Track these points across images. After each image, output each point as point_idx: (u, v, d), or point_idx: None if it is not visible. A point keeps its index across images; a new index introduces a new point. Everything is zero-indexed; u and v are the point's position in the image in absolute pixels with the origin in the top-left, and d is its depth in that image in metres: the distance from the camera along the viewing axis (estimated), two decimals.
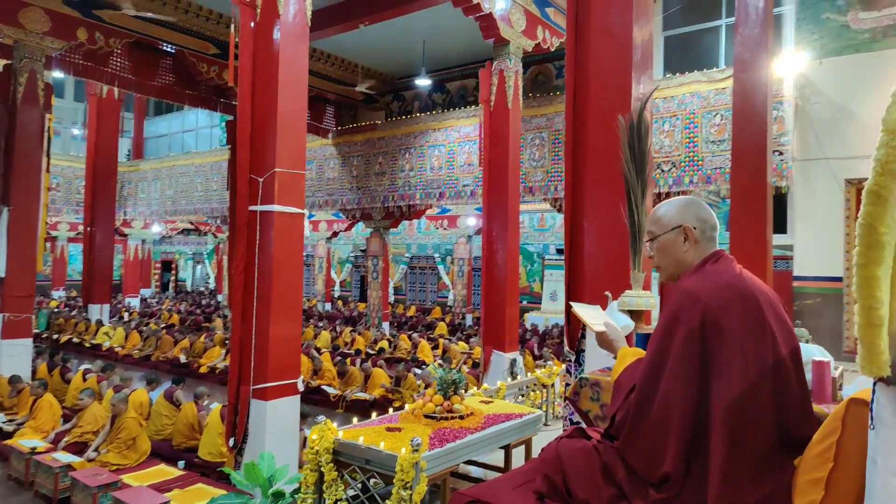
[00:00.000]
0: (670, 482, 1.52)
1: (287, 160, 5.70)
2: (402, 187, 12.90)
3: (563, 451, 1.70)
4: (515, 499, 1.71)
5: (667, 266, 1.78)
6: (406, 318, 16.52)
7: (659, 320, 1.66)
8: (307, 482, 3.66)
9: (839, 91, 8.06)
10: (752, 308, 1.55)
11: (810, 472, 1.39)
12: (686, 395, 1.52)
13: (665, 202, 1.80)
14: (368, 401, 8.83)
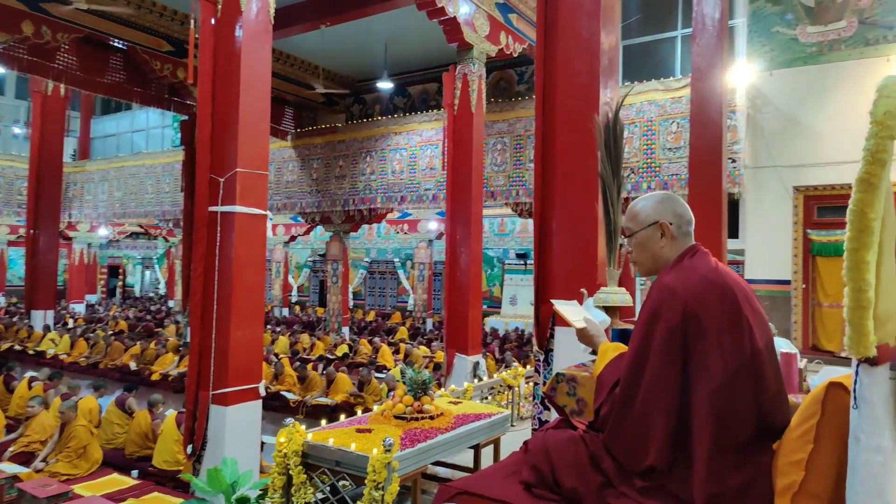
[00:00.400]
0: (655, 475, 1.55)
1: (249, 160, 5.59)
2: (363, 191, 12.82)
3: (550, 442, 1.72)
4: (503, 489, 1.71)
5: (644, 261, 1.82)
6: (365, 322, 16.39)
7: (640, 316, 1.69)
8: (275, 486, 3.58)
9: (788, 102, 8.42)
10: (729, 301, 1.60)
11: (790, 454, 1.44)
12: (669, 388, 1.55)
13: (641, 198, 1.84)
14: (330, 406, 8.71)
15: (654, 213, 1.78)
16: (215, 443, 5.27)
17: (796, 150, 8.29)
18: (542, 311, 4.08)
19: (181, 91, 12.57)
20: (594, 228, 3.97)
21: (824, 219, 8.38)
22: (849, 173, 5.54)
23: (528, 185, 10.71)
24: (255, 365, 5.67)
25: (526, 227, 15.97)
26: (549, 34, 4.16)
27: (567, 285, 4.01)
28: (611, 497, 1.60)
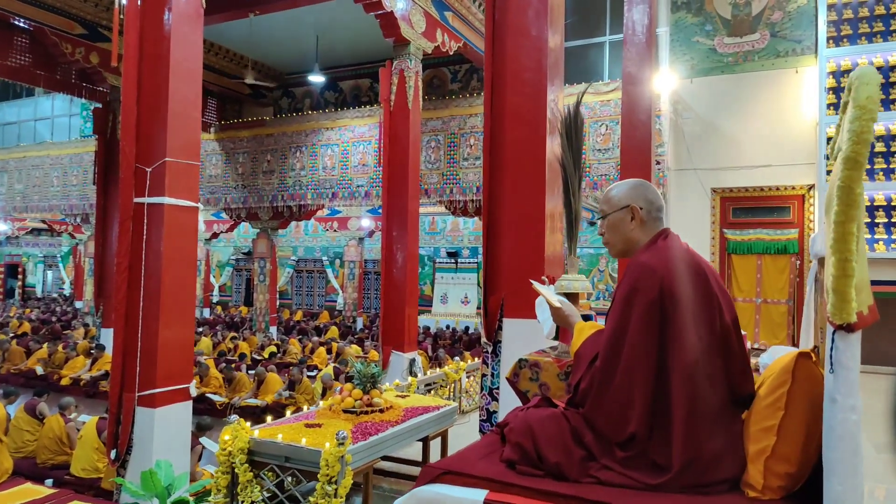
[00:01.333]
0: (635, 442, 1.61)
1: (179, 150, 5.36)
2: (292, 186, 12.52)
3: (532, 419, 1.75)
4: (487, 468, 1.73)
5: (615, 242, 1.90)
6: (293, 322, 16.01)
7: (618, 292, 1.76)
8: (218, 485, 3.44)
9: (707, 108, 8.93)
10: (701, 280, 1.70)
11: (761, 421, 1.54)
12: (647, 360, 1.63)
13: (617, 184, 1.93)
14: (260, 407, 8.46)
15: (627, 198, 1.87)
16: (142, 447, 5.00)
17: (714, 154, 8.82)
18: (491, 302, 4.13)
19: (94, 77, 11.83)
20: (541, 221, 4.07)
21: (738, 219, 8.95)
22: (760, 176, 5.97)
23: (463, 183, 10.82)
24: (185, 365, 5.43)
25: (457, 226, 16.11)
26: (497, 31, 4.22)
27: (515, 277, 4.09)
28: (593, 469, 1.65)
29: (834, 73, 8.13)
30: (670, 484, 1.55)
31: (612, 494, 1.56)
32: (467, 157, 10.85)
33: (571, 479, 1.65)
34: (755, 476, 1.52)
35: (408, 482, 4.16)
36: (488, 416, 4.08)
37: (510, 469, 1.72)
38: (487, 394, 4.12)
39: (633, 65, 7.05)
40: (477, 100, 10.92)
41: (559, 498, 1.58)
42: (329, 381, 8.54)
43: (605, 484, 1.61)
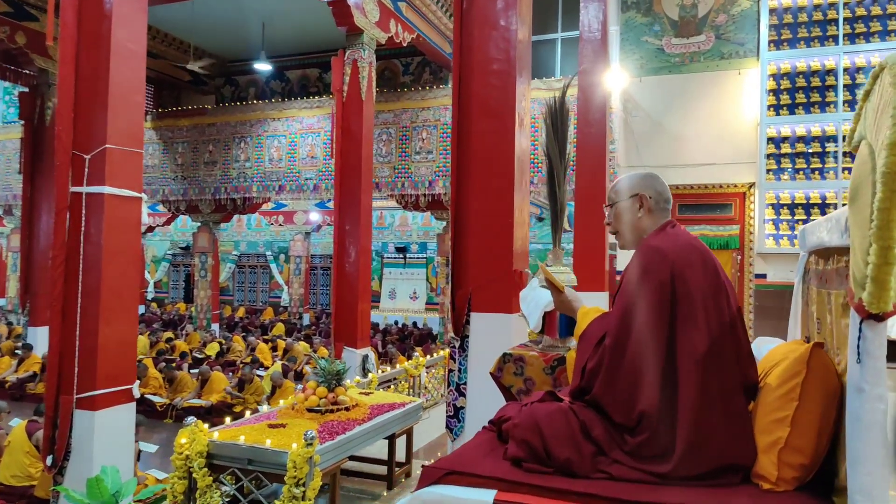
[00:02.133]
0: (644, 422, 1.58)
1: (121, 136, 5.04)
2: (236, 178, 12.10)
3: (539, 414, 1.69)
4: (492, 467, 1.66)
5: (623, 231, 1.88)
6: (236, 319, 15.51)
7: (626, 275, 1.73)
8: (174, 491, 3.25)
9: (655, 107, 9.14)
10: (710, 267, 1.68)
11: (773, 413, 1.53)
12: (658, 339, 1.61)
13: (625, 175, 1.91)
14: (204, 407, 8.13)
15: (636, 187, 1.85)
16: (81, 452, 4.70)
17: (662, 152, 9.03)
18: (458, 297, 4.06)
19: (19, 58, 11.06)
20: (510, 215, 4.03)
21: (684, 215, 9.20)
22: (704, 174, 6.12)
23: (415, 177, 10.71)
24: (128, 365, 5.13)
25: (406, 221, 15.97)
26: (465, 21, 4.15)
27: (482, 272, 4.04)
28: (604, 465, 1.61)
29: (774, 76, 8.47)
30: (679, 469, 1.52)
31: (625, 490, 1.52)
32: (419, 151, 10.75)
33: (581, 475, 1.60)
34: (768, 468, 1.50)
35: (373, 482, 4.05)
36: (455, 411, 4.02)
37: (516, 467, 1.66)
38: (454, 389, 4.05)
39: (589, 62, 7.13)
40: (430, 93, 10.84)
41: (572, 496, 1.53)
42: (279, 379, 8.29)
43: (616, 479, 1.57)
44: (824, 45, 8.06)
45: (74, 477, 4.51)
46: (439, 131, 10.62)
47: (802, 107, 8.38)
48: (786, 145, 8.50)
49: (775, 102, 8.47)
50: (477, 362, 3.98)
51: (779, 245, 8.57)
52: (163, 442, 7.30)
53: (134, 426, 5.07)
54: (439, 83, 11.65)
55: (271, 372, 8.91)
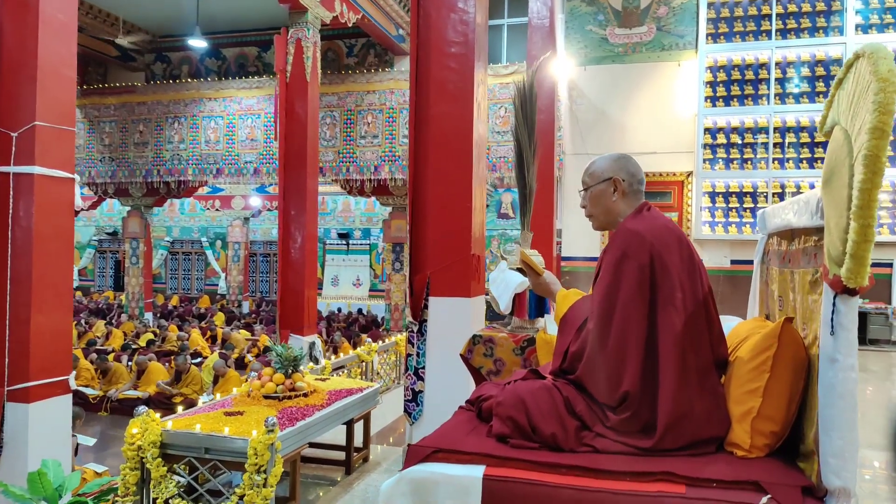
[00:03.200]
0: (628, 401, 1.63)
1: (51, 113, 4.75)
2: (170, 161, 11.60)
3: (524, 392, 1.72)
4: (477, 444, 1.68)
5: (597, 214, 1.91)
6: (170, 307, 14.94)
7: (606, 257, 1.77)
8: (126, 482, 3.13)
9: (598, 95, 9.35)
10: (685, 248, 1.75)
11: (746, 384, 1.61)
12: (639, 321, 1.66)
13: (599, 157, 1.93)
14: (142, 399, 7.81)
15: (609, 170, 1.88)
16: (15, 447, 4.46)
17: (605, 140, 9.27)
18: (416, 281, 4.06)
19: None
20: (468, 199, 4.05)
21: None
22: (645, 163, 6.32)
23: (360, 162, 10.57)
24: (64, 354, 4.88)
25: (348, 206, 15.76)
26: (422, 3, 4.11)
27: (440, 256, 4.04)
28: (588, 439, 1.65)
29: (711, 68, 8.82)
30: (661, 443, 1.59)
31: (610, 461, 1.57)
32: (365, 136, 10.61)
33: (567, 449, 1.64)
34: (741, 436, 1.58)
35: (330, 467, 4.02)
36: (413, 395, 4.02)
37: (502, 443, 1.68)
38: (413, 373, 4.05)
39: (537, 49, 7.20)
40: (375, 76, 10.69)
41: (561, 468, 1.57)
42: (222, 368, 8.06)
43: (600, 452, 1.62)
44: (758, 39, 8.45)
45: (8, 472, 4.27)
46: (385, 115, 10.51)
47: (737, 99, 8.76)
48: (721, 136, 8.87)
49: (712, 94, 8.83)
50: (435, 346, 4.00)
51: (714, 232, 8.97)
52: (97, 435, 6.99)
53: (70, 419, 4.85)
54: (385, 66, 11.51)
55: (212, 361, 8.65)
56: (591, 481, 1.53)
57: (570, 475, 1.55)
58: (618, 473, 1.52)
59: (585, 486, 1.52)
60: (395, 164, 10.47)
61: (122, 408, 7.74)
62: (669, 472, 1.49)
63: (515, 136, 2.66)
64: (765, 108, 8.61)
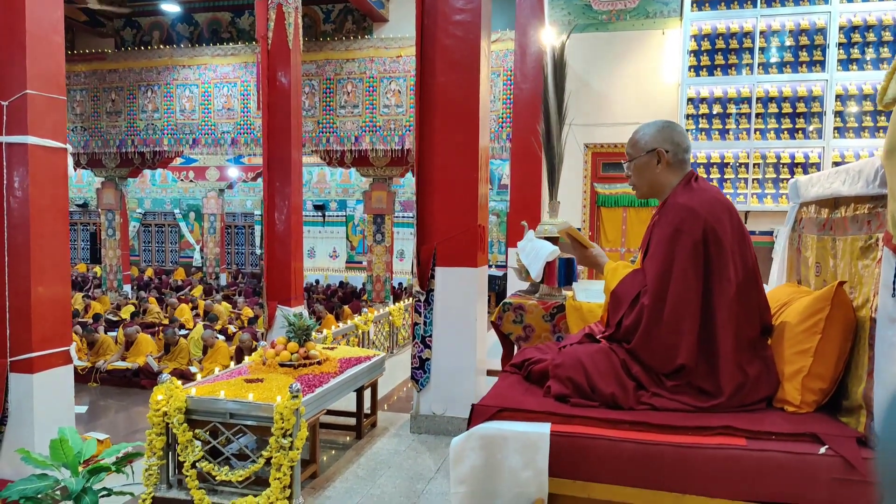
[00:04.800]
0: (683, 373, 1.72)
1: (42, 81, 4.65)
2: (144, 131, 11.28)
3: (582, 355, 1.78)
4: (536, 403, 1.75)
5: (641, 185, 1.95)
6: (145, 280, 14.68)
7: (658, 233, 1.82)
8: (153, 447, 3.15)
9: (582, 64, 9.36)
10: (735, 219, 1.81)
11: (797, 345, 1.70)
12: (694, 296, 1.73)
13: (643, 125, 1.95)
14: (131, 370, 7.74)
15: (653, 141, 1.91)
16: (20, 416, 4.48)
17: (588, 110, 9.30)
18: (423, 252, 4.09)
19: None
20: (475, 169, 4.07)
21: (607, 174, 9.61)
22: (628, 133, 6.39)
23: (340, 132, 10.44)
24: (64, 326, 4.87)
25: (324, 177, 15.57)
26: None
27: (447, 226, 4.07)
28: (645, 397, 1.73)
29: (696, 37, 8.89)
30: (721, 406, 1.68)
31: (669, 417, 1.65)
32: (345, 105, 10.46)
33: (626, 407, 1.72)
34: (792, 393, 1.68)
35: (342, 432, 4.08)
36: (421, 363, 4.09)
37: (562, 403, 1.75)
38: (420, 342, 4.12)
39: (525, 16, 7.17)
40: (354, 43, 10.50)
41: (622, 424, 1.65)
42: (211, 339, 8.03)
43: (659, 409, 1.70)
44: (743, 7, 8.52)
45: (14, 441, 4.30)
46: (365, 84, 10.36)
47: (720, 68, 8.87)
48: (704, 106, 9.00)
49: (696, 63, 8.91)
50: (442, 315, 4.05)
51: None
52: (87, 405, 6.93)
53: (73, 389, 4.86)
54: (364, 33, 11.29)
55: (198, 333, 8.59)
56: (652, 435, 1.61)
57: (631, 430, 1.64)
58: (678, 428, 1.61)
59: (647, 439, 1.60)
60: (376, 135, 10.37)
61: (111, 378, 7.67)
62: (729, 426, 1.59)
63: (544, 104, 2.68)
64: (748, 78, 8.74)
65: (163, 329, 8.68)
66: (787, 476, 1.48)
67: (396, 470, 3.47)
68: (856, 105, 8.85)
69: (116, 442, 5.81)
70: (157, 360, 8.02)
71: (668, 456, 1.56)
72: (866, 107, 8.75)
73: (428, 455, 3.67)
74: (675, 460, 1.55)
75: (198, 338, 8.46)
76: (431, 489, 3.21)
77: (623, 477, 1.58)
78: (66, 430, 3.51)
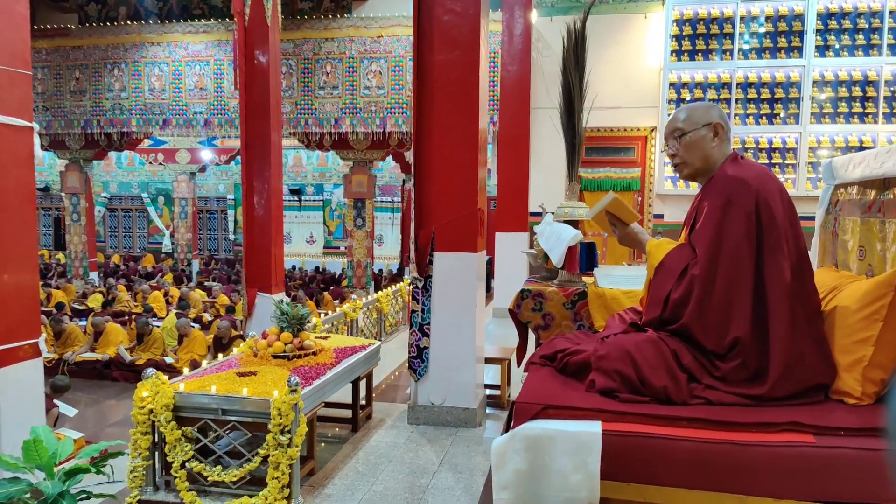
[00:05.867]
0: (738, 348, 1.62)
1: (5, 55, 4.35)
2: (110, 110, 10.82)
3: (629, 345, 1.67)
4: (581, 398, 1.63)
5: (693, 161, 1.85)
6: (112, 266, 14.19)
7: (709, 205, 1.72)
8: (139, 446, 2.96)
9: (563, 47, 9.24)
10: (786, 197, 1.72)
11: (855, 333, 1.61)
12: (748, 269, 1.65)
13: (688, 105, 1.87)
14: (101, 361, 7.44)
15: (708, 115, 1.82)
16: None
17: None
18: (421, 237, 3.94)
19: None
20: (474, 151, 3.92)
21: (590, 158, 9.53)
22: (610, 118, 6.32)
23: (319, 114, 10.16)
24: (31, 317, 4.58)
25: (300, 161, 15.21)
26: None
27: (445, 211, 3.93)
28: (697, 391, 1.63)
29: (678, 21, 8.85)
30: (773, 391, 1.58)
31: (728, 413, 1.55)
32: (324, 86, 10.17)
33: (679, 402, 1.61)
34: (852, 385, 1.60)
35: (336, 425, 3.93)
36: (419, 352, 3.96)
37: (609, 398, 1.64)
38: (417, 330, 3.98)
39: None
40: (333, 22, 10.20)
41: (680, 421, 1.54)
42: (186, 328, 7.76)
43: (714, 403, 1.60)
44: None
45: None
46: (345, 65, 10.08)
47: (702, 53, 8.86)
48: (685, 91, 8.98)
49: (678, 48, 8.88)
50: (441, 302, 3.91)
51: (676, 187, 9.16)
52: None
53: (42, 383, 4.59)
54: (342, 12, 10.97)
55: (170, 322, 8.30)
56: (712, 433, 1.51)
57: (689, 428, 1.53)
58: (741, 424, 1.51)
59: (707, 437, 1.50)
60: (357, 117, 10.12)
61: (80, 371, 7.35)
62: (796, 421, 1.49)
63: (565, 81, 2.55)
64: (729, 63, 8.75)
65: (135, 318, 8.37)
66: (858, 474, 1.40)
67: (398, 464, 3.34)
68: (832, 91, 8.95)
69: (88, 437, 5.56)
70: (129, 350, 7.72)
71: (730, 455, 1.46)
72: (842, 93, 8.84)
73: (429, 447, 3.55)
74: (737, 459, 1.45)
75: (171, 327, 8.18)
76: (437, 483, 3.09)
77: (681, 479, 1.47)
78: (39, 430, 3.27)
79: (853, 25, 8.77)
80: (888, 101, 8.61)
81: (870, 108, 8.70)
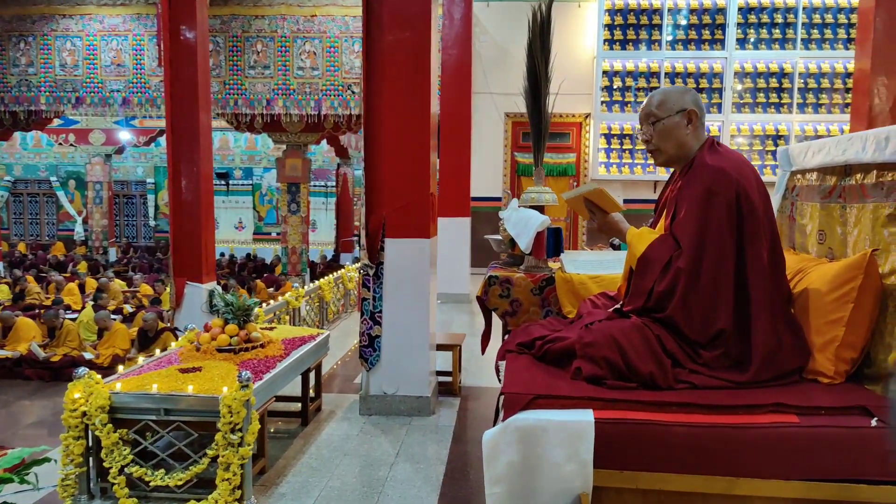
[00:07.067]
0: (721, 338, 1.64)
1: None
2: (16, 87, 9.97)
3: (615, 332, 1.65)
4: (569, 387, 1.60)
5: (667, 149, 1.84)
6: (17, 255, 13.16)
7: (689, 194, 1.72)
8: (71, 453, 2.73)
9: (501, 33, 9.27)
10: (760, 183, 1.75)
11: (827, 315, 1.66)
12: (730, 259, 1.66)
13: (664, 89, 1.86)
14: (12, 359, 6.87)
15: (682, 102, 1.81)
16: None
17: (507, 79, 9.23)
18: (372, 222, 3.83)
19: None
20: (426, 134, 3.83)
21: (527, 143, 9.64)
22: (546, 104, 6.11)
23: (250, 94, 9.73)
24: None
25: (226, 143, 14.57)
26: None
27: (397, 195, 3.83)
28: (682, 375, 1.64)
29: (610, 11, 9.04)
30: (757, 377, 1.61)
31: (716, 396, 1.57)
32: (254, 66, 9.74)
33: (664, 387, 1.61)
34: (825, 364, 1.65)
35: (285, 419, 3.78)
36: (370, 341, 3.86)
37: (596, 385, 1.62)
38: (369, 318, 3.88)
39: None
40: None
41: (670, 406, 1.54)
42: (106, 321, 7.29)
43: (699, 388, 1.61)
44: None
45: None
46: (277, 44, 9.68)
47: (632, 43, 9.09)
48: (617, 79, 9.20)
49: (610, 37, 9.08)
50: (393, 289, 3.83)
51: (609, 172, 9.41)
52: None
53: None
54: None
55: (87, 315, 7.78)
56: (702, 417, 1.52)
57: (680, 412, 1.53)
58: (728, 407, 1.53)
59: (698, 422, 1.51)
60: (290, 99, 9.77)
61: None
62: (780, 402, 1.52)
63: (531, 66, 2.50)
64: (656, 54, 9.04)
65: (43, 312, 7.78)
66: (841, 452, 1.44)
67: (353, 457, 3.25)
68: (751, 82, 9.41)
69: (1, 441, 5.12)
70: (42, 346, 7.17)
71: (719, 438, 1.47)
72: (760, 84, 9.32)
73: (384, 438, 3.48)
74: (726, 442, 1.47)
75: (88, 320, 7.67)
76: (395, 475, 3.03)
77: (673, 464, 1.48)
78: None
79: (770, 20, 9.23)
80: (801, 92, 9.14)
81: (785, 98, 9.21)
